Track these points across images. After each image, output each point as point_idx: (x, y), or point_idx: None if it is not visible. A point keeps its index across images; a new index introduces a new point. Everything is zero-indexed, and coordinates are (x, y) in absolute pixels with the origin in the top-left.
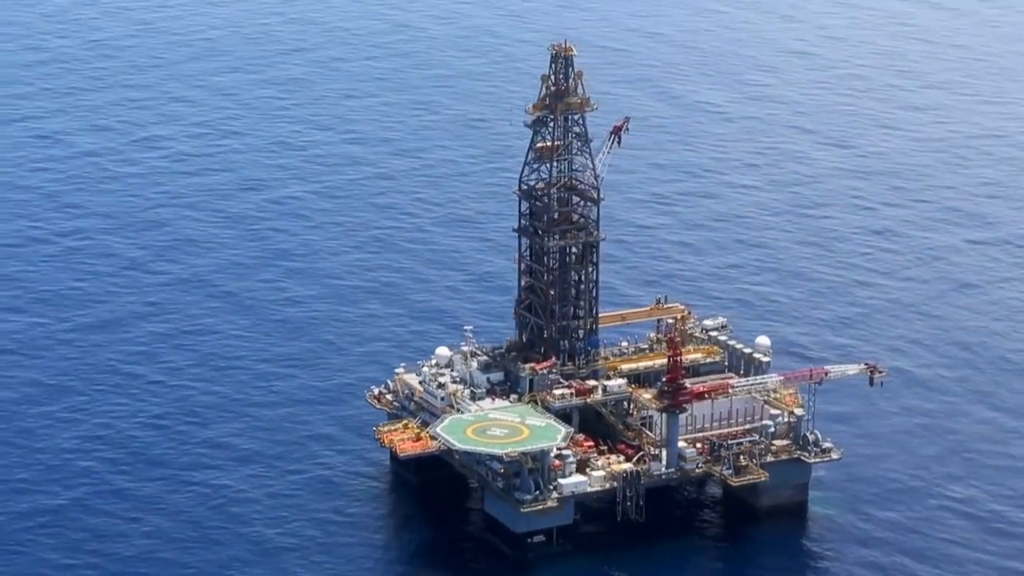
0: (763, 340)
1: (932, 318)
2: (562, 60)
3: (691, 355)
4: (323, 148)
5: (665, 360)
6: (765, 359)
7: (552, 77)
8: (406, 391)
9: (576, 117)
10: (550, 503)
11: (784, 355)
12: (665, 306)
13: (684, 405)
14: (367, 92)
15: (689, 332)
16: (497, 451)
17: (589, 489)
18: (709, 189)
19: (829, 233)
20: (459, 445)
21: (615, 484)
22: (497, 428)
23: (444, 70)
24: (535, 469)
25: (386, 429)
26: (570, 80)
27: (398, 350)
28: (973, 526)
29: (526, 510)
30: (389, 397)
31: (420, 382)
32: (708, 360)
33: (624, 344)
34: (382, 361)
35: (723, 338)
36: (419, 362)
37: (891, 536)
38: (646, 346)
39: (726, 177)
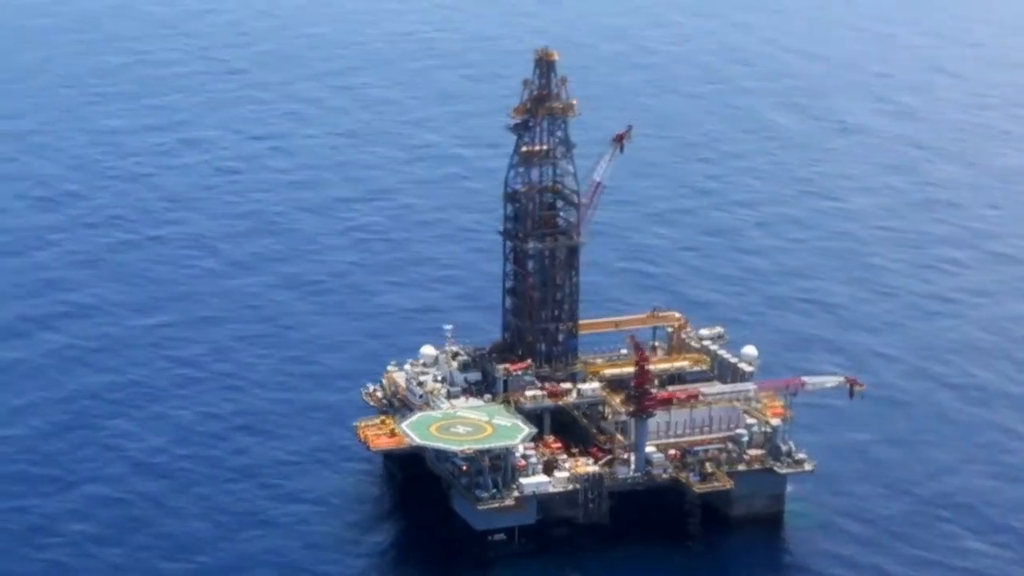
0: (749, 350)
1: (982, 336)
2: (544, 65)
3: (678, 363)
4: (448, 158)
5: (652, 367)
6: (749, 369)
7: (536, 82)
8: (392, 388)
9: (559, 122)
10: (508, 501)
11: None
12: (661, 314)
13: (650, 410)
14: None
15: (685, 340)
16: (454, 447)
17: (551, 490)
18: (798, 199)
19: (909, 249)
20: (419, 440)
21: (578, 486)
22: (462, 426)
23: (598, 89)
24: (497, 468)
25: (363, 424)
26: (553, 85)
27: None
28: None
29: (482, 507)
30: (379, 394)
31: (405, 380)
32: (695, 368)
33: (623, 351)
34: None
35: (714, 347)
36: (409, 360)
37: (866, 549)
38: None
39: (818, 187)
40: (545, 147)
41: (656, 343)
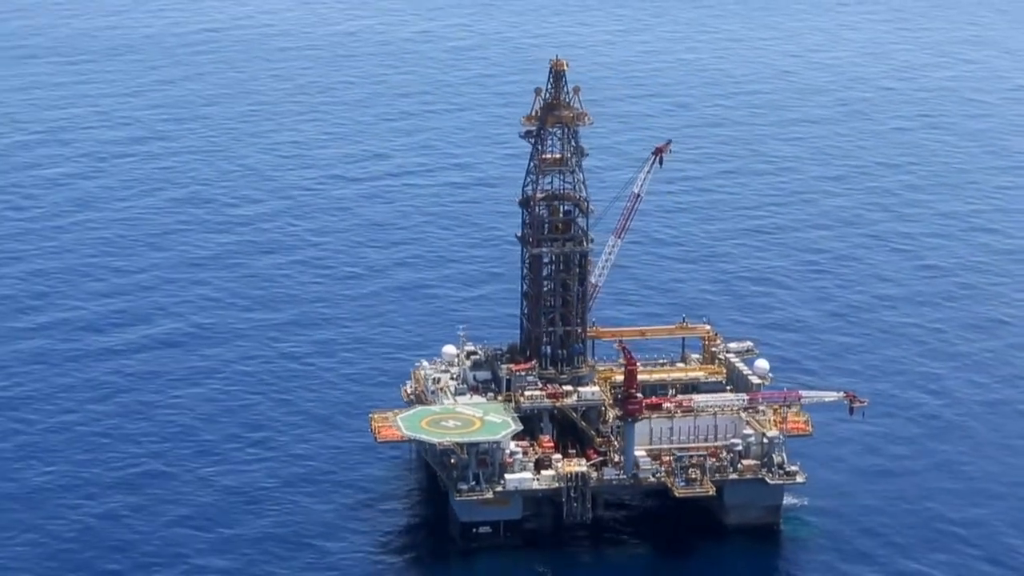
0: (762, 363)
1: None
2: (554, 75)
3: (693, 372)
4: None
5: (666, 375)
6: (757, 381)
7: (547, 91)
8: (416, 384)
9: (571, 131)
10: (487, 495)
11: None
12: (690, 325)
13: (636, 414)
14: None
15: (714, 352)
16: (434, 439)
17: (535, 486)
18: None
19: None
20: (407, 432)
21: (562, 484)
22: (453, 420)
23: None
24: (485, 463)
25: (377, 416)
26: (562, 95)
27: None
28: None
29: (460, 499)
30: (408, 389)
31: (424, 376)
32: (710, 379)
33: (661, 360)
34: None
35: (734, 359)
36: (434, 358)
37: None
38: (681, 362)
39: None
40: (559, 155)
41: (694, 355)
